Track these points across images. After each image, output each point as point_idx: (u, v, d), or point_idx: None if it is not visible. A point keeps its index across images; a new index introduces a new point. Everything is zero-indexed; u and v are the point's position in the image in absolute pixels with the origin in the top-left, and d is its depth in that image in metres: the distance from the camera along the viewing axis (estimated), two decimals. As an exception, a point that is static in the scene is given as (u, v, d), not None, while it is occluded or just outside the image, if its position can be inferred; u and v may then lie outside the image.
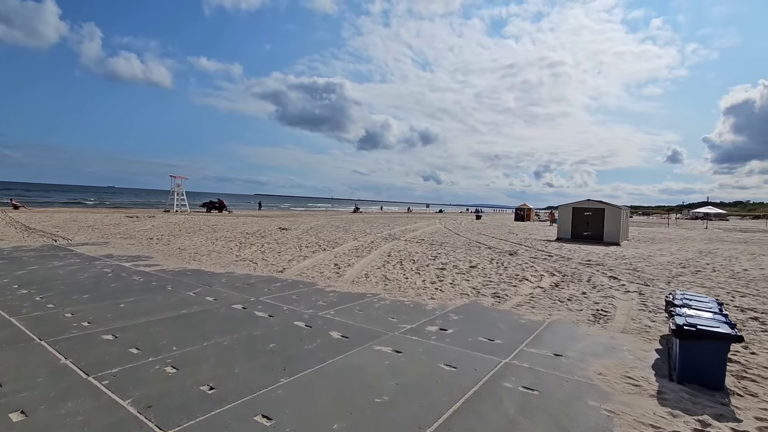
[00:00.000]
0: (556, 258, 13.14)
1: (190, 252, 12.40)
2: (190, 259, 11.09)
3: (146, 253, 11.94)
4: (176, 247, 13.27)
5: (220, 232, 18.57)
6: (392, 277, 9.14)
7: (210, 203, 38.04)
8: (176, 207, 34.83)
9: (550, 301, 7.32)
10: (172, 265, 10.20)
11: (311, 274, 9.25)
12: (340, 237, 17.81)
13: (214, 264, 10.45)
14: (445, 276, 9.38)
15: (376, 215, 49.93)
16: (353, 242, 15.91)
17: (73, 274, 8.50)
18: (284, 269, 9.86)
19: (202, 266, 10.13)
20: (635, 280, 9.50)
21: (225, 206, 37.84)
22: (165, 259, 10.94)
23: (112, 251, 12.12)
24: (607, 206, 20.80)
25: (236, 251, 12.79)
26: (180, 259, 11.04)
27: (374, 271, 9.87)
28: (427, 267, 10.60)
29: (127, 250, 12.51)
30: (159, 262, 10.54)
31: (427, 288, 8.07)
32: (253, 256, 11.91)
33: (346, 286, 8.12)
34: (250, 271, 9.63)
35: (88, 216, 24.15)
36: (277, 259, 11.45)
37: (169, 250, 12.76)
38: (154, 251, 12.39)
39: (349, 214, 48.75)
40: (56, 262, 9.84)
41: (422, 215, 57.24)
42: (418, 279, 8.95)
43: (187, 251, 12.54)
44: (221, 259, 11.28)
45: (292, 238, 16.97)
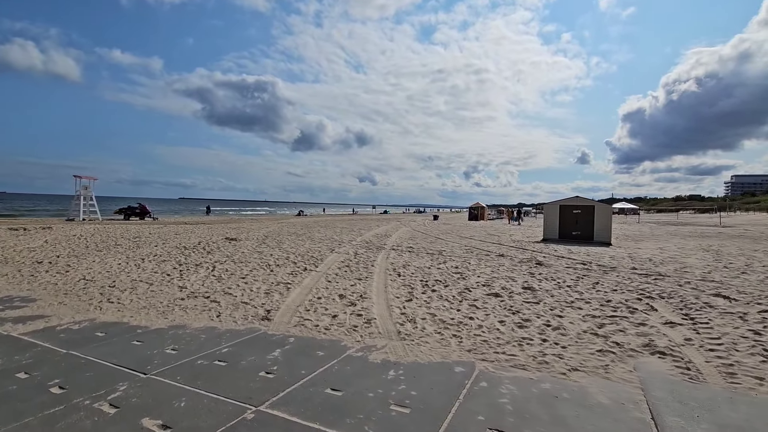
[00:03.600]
0: (603, 269, 10.82)
1: (102, 284, 8.12)
2: (103, 300, 6.94)
3: (25, 292, 7.47)
4: (79, 277, 8.82)
5: (147, 247, 13.92)
6: (448, 317, 5.95)
7: (129, 209, 31.45)
8: (83, 215, 28.08)
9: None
10: (68, 315, 6.06)
11: (320, 322, 5.74)
12: (311, 248, 14.13)
13: (145, 307, 6.48)
14: (523, 311, 6.40)
15: (326, 219, 45.99)
16: (333, 255, 12.40)
17: None
18: (269, 312, 6.21)
19: (125, 314, 6.13)
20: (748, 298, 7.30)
21: (148, 212, 31.51)
22: (56, 303, 6.68)
23: (-39, 291, 7.46)
24: (597, 204, 19.41)
25: (177, 279, 8.72)
26: (84, 301, 6.85)
27: (409, 307, 6.59)
28: (471, 292, 7.56)
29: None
30: (44, 310, 6.29)
31: (547, 348, 4.97)
32: (208, 286, 7.99)
33: (400, 346, 4.77)
34: (211, 319, 5.88)
35: (-52, 230, 17.64)
36: (247, 290, 7.69)
37: (67, 282, 8.32)
38: (40, 286, 7.91)
39: (296, 218, 44.26)
40: None
41: (373, 217, 54.29)
42: (493, 320, 5.85)
43: (97, 283, 8.23)
44: (156, 295, 7.26)
45: (250, 251, 12.98)
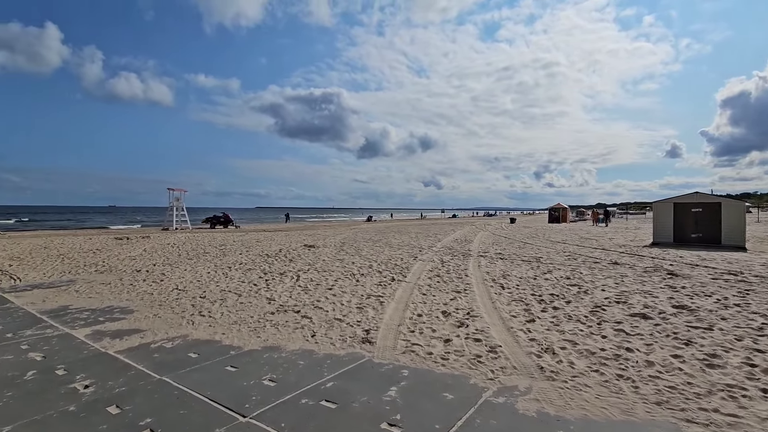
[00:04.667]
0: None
1: (194, 294, 7.95)
2: (195, 312, 6.64)
3: (124, 302, 7.48)
4: (172, 286, 8.81)
5: (232, 255, 14.11)
6: (595, 347, 4.64)
7: (214, 218, 33.56)
8: (176, 224, 30.40)
9: None
10: (162, 330, 5.75)
11: (432, 348, 4.76)
12: (392, 255, 13.33)
13: (236, 323, 6.00)
14: (696, 341, 4.89)
15: (396, 224, 45.44)
16: (418, 263, 11.45)
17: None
18: (368, 332, 5.38)
19: (216, 330, 5.68)
20: None
21: (231, 221, 33.35)
22: (152, 316, 6.48)
23: (70, 300, 7.67)
24: (725, 201, 16.30)
25: (264, 289, 8.33)
26: (177, 314, 6.59)
27: (535, 330, 5.38)
28: (605, 311, 6.12)
29: (97, 295, 8.06)
30: (140, 323, 6.08)
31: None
32: (296, 299, 7.45)
33: (551, 390, 3.62)
34: (306, 339, 5.19)
35: (66, 241, 19.73)
36: (337, 304, 6.99)
37: (162, 292, 8.30)
38: (138, 296, 7.93)
39: (366, 224, 44.28)
40: (-50, 338, 5.39)
41: (443, 221, 52.75)
42: (664, 354, 4.44)
43: (189, 293, 8.09)
44: (245, 308, 6.83)
45: (330, 259, 12.52)
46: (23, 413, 3.36)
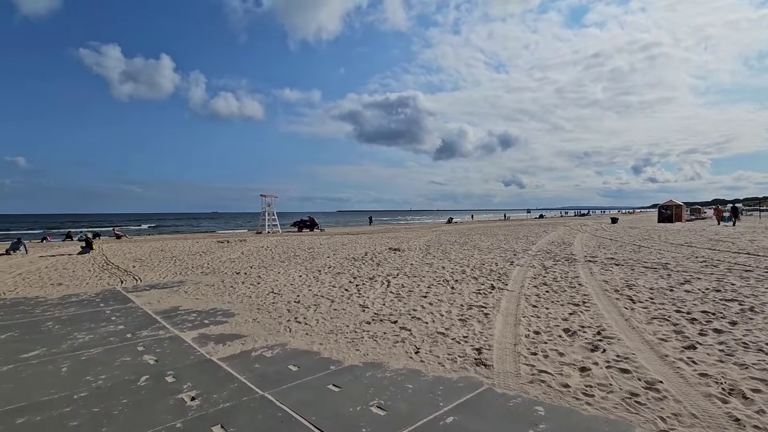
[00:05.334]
0: None
1: (288, 299, 7.92)
2: (291, 319, 6.50)
3: (226, 305, 7.68)
4: (268, 289, 8.94)
5: (321, 258, 14.29)
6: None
7: (301, 222, 35.27)
8: (268, 228, 32.46)
9: None
10: (261, 336, 5.64)
11: (567, 378, 3.89)
12: (484, 260, 12.35)
13: (333, 332, 5.69)
14: None
15: (479, 225, 43.58)
16: (516, 269, 10.36)
17: (76, 374, 4.23)
18: (480, 352, 4.66)
19: (314, 339, 5.41)
20: None
21: (316, 224, 34.77)
22: (251, 321, 6.47)
23: (180, 301, 8.10)
24: None
25: (356, 295, 8.04)
26: (274, 319, 6.51)
27: (701, 360, 4.19)
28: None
29: (202, 297, 8.44)
30: (241, 328, 6.07)
31: None
32: (390, 307, 6.99)
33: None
34: (409, 356, 4.64)
35: (178, 244, 21.93)
36: (436, 314, 6.37)
37: (259, 295, 8.44)
38: (238, 299, 8.13)
39: (447, 226, 43.14)
40: (81, 336, 5.83)
41: (530, 222, 49.41)
42: None
43: (284, 297, 8.09)
44: (340, 316, 6.53)
45: (419, 263, 11.96)
46: (134, 426, 3.27)
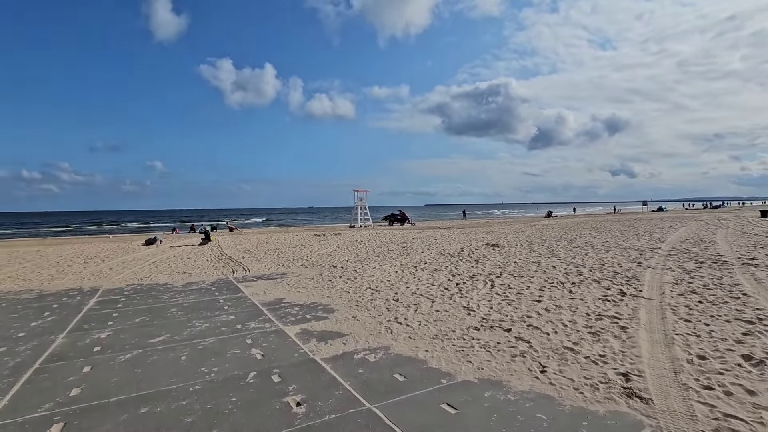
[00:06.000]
0: None
1: (386, 296, 7.62)
2: (391, 319, 6.14)
3: (325, 299, 7.65)
4: (365, 285, 8.77)
5: (415, 253, 13.90)
6: None
7: (392, 216, 35.56)
8: (360, 222, 33.30)
9: None
10: (362, 336, 5.36)
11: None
12: (603, 259, 10.75)
13: (438, 337, 5.17)
14: None
15: (584, 219, 39.43)
16: (648, 271, 8.73)
17: (193, 364, 4.33)
18: (627, 378, 3.73)
19: (418, 345, 4.94)
20: None
21: (407, 218, 34.74)
22: (351, 318, 6.26)
23: (283, 293, 8.32)
24: None
25: (458, 295, 7.42)
26: (374, 318, 6.21)
27: None
28: None
29: (303, 290, 8.57)
30: (341, 326, 5.87)
31: None
32: (499, 311, 6.24)
33: None
34: (534, 376, 3.91)
35: (280, 237, 23.49)
36: (557, 323, 5.46)
37: (356, 290, 8.30)
38: (336, 293, 8.08)
39: (546, 220, 39.83)
40: (199, 324, 6.17)
41: (648, 216, 43.31)
42: None
43: (381, 295, 7.81)
44: (444, 318, 5.99)
45: (523, 261, 10.85)
46: (243, 429, 3.12)
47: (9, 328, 6.15)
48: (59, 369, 4.48)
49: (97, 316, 6.76)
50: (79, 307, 7.44)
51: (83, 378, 4.22)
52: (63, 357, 4.87)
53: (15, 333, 5.89)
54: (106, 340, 5.46)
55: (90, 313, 6.99)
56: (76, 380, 4.16)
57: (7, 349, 5.17)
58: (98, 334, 5.75)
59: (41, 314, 6.99)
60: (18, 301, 8.08)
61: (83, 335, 5.73)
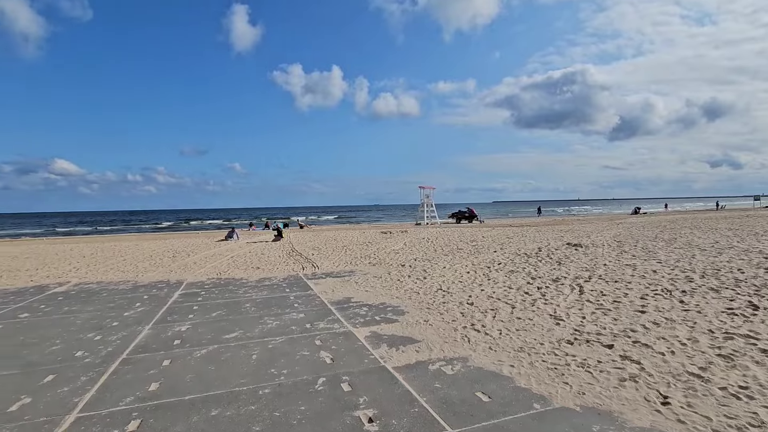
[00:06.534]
0: None
1: (460, 299, 7.08)
2: (467, 325, 5.61)
3: (394, 300, 7.32)
4: (436, 286, 8.30)
5: (486, 252, 13.09)
6: None
7: (459, 213, 34.52)
8: (426, 219, 32.75)
9: None
10: (437, 344, 4.91)
11: None
12: (714, 262, 9.13)
13: (523, 350, 4.55)
14: None
15: (678, 216, 35.00)
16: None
17: (263, 365, 4.21)
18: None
19: (501, 358, 4.38)
20: None
21: (476, 215, 33.48)
22: (422, 322, 5.84)
23: (351, 292, 8.15)
24: None
25: (541, 301, 6.65)
26: (448, 323, 5.73)
27: None
28: None
29: (371, 289, 8.34)
30: (412, 330, 5.48)
31: None
32: (595, 322, 5.41)
33: None
34: (654, 409, 3.17)
35: (347, 234, 23.78)
36: (673, 342, 4.55)
37: (426, 291, 7.86)
38: (406, 294, 7.71)
39: (633, 218, 36.02)
40: (270, 321, 6.15)
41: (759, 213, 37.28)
42: None
43: (454, 296, 7.28)
44: (528, 328, 5.32)
45: (613, 263, 9.60)
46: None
47: (105, 317, 6.64)
48: (142, 361, 4.63)
49: (180, 309, 7.09)
50: (165, 299, 7.90)
51: (162, 372, 4.29)
52: (147, 348, 5.06)
53: (110, 323, 6.33)
54: (186, 334, 5.63)
55: (174, 306, 7.36)
56: (155, 374, 4.24)
57: (101, 338, 5.53)
58: (179, 327, 5.97)
59: (133, 305, 7.51)
60: (116, 291, 8.83)
61: (166, 327, 5.98)
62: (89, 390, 3.88)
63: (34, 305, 7.66)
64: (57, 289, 9.24)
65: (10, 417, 3.41)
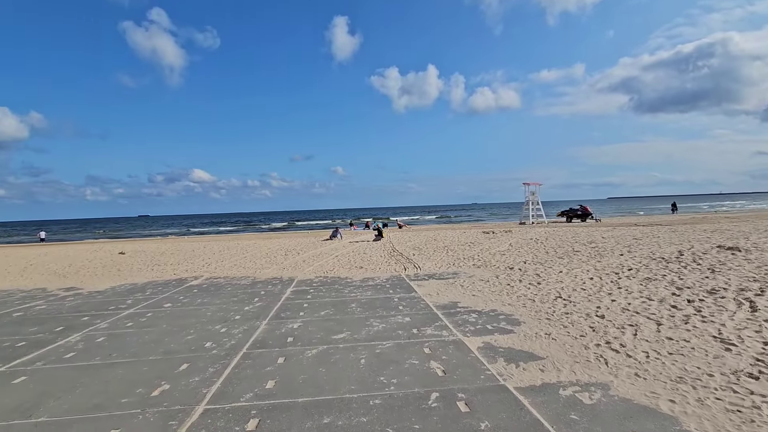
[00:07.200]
0: None
1: (587, 311, 6.13)
2: (601, 343, 4.77)
3: (506, 307, 6.67)
4: (554, 293, 7.39)
5: (610, 256, 11.43)
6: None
7: (570, 211, 31.34)
8: (532, 218, 30.42)
9: None
10: (565, 364, 4.22)
11: None
12: None
13: (685, 381, 3.62)
14: None
15: None
16: None
17: (372, 371, 4.02)
18: None
19: (657, 392, 3.53)
20: None
21: (590, 213, 30.04)
22: (543, 336, 5.13)
23: (457, 296, 7.69)
24: None
25: (697, 318, 5.38)
26: (576, 340, 4.94)
27: None
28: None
29: (479, 293, 7.77)
30: (533, 344, 4.83)
31: None
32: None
33: None
34: None
35: (447, 234, 23.17)
36: None
37: (543, 299, 7.02)
38: (519, 301, 6.99)
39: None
40: (376, 324, 6.02)
41: None
42: None
43: (578, 308, 6.34)
44: (686, 354, 4.28)
45: (795, 274, 7.50)
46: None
47: (230, 310, 7.24)
48: (260, 357, 4.82)
49: (292, 306, 7.42)
50: (279, 296, 8.38)
51: (277, 369, 4.39)
52: (264, 344, 5.29)
53: (233, 316, 6.87)
54: (297, 332, 5.79)
55: (287, 303, 7.74)
56: (271, 371, 4.35)
57: (226, 331, 5.98)
58: (291, 324, 6.18)
59: (252, 299, 8.10)
60: (238, 286, 9.69)
61: (280, 324, 6.24)
62: (215, 382, 4.11)
63: (175, 296, 8.76)
64: (192, 282, 10.51)
65: (153, 402, 3.74)
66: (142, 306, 7.92)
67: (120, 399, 3.81)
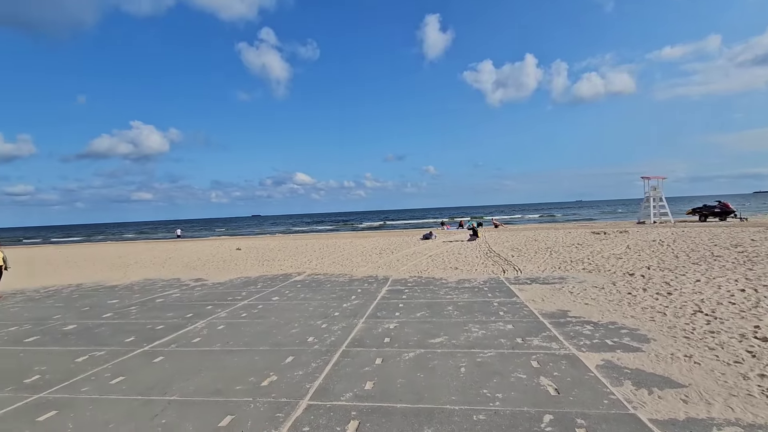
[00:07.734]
0: None
1: (739, 330, 4.99)
2: (765, 371, 3.80)
3: (629, 319, 5.78)
4: (690, 306, 6.21)
5: (764, 262, 9.31)
6: None
7: (705, 208, 26.61)
8: (654, 217, 26.51)
9: None
10: (716, 396, 3.43)
11: None
12: None
13: None
14: None
15: None
16: None
17: (473, 382, 3.73)
18: None
19: None
20: None
21: (733, 211, 25.13)
22: (682, 359, 4.28)
23: (566, 303, 6.93)
24: None
25: None
26: (727, 366, 4.02)
27: None
28: None
29: (593, 302, 6.90)
30: (669, 368, 4.05)
31: None
32: None
33: None
34: None
35: (549, 234, 21.35)
36: None
37: (677, 313, 5.93)
38: (644, 313, 6.01)
39: None
40: (475, 329, 5.66)
41: None
42: None
43: (726, 325, 5.20)
44: None
45: None
46: None
47: (329, 306, 7.52)
48: (358, 355, 4.85)
49: (387, 305, 7.42)
50: (375, 294, 8.48)
51: (375, 371, 4.35)
52: (362, 343, 5.32)
53: (332, 312, 7.10)
54: (394, 332, 5.72)
55: (382, 302, 7.78)
56: (369, 372, 4.32)
57: (327, 327, 6.18)
58: (388, 324, 6.16)
59: (350, 297, 8.33)
60: (337, 283, 10.08)
61: (377, 323, 6.26)
62: (317, 378, 4.22)
63: (281, 290, 9.44)
64: (296, 278, 11.24)
65: (263, 392, 3.96)
66: (254, 298, 8.67)
67: (235, 386, 4.12)
